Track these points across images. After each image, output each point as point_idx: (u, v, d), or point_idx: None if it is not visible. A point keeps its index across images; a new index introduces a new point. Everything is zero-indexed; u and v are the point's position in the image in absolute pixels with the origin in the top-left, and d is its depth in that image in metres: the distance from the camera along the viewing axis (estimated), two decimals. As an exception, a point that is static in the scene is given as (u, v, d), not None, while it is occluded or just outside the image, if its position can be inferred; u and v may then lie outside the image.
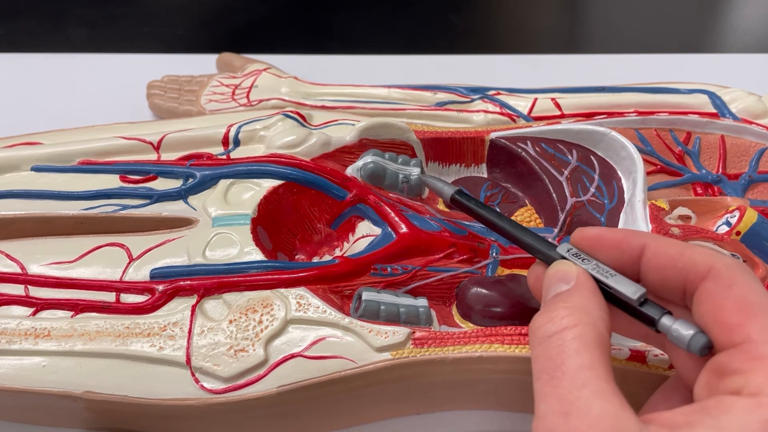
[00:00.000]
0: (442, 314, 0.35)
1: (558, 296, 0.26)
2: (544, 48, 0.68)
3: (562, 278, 0.27)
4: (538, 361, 0.24)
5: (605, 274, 0.26)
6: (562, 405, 0.22)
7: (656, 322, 0.25)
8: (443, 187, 0.35)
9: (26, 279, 0.34)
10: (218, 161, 0.40)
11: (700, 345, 0.24)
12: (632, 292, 0.26)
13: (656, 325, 0.25)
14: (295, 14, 0.72)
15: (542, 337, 0.25)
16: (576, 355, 0.23)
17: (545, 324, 0.25)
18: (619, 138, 0.39)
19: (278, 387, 0.30)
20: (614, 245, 0.27)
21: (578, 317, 0.24)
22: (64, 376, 0.31)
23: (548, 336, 0.24)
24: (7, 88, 0.57)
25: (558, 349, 0.24)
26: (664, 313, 0.25)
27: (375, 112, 0.46)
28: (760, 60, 0.62)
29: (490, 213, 0.32)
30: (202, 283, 0.33)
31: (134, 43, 0.65)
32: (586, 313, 0.25)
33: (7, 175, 0.40)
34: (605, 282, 0.26)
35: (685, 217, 0.37)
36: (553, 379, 0.23)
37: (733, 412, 0.21)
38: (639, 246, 0.26)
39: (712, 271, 0.24)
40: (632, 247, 0.27)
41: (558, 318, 0.24)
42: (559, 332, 0.24)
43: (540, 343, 0.25)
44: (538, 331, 0.25)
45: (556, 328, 0.24)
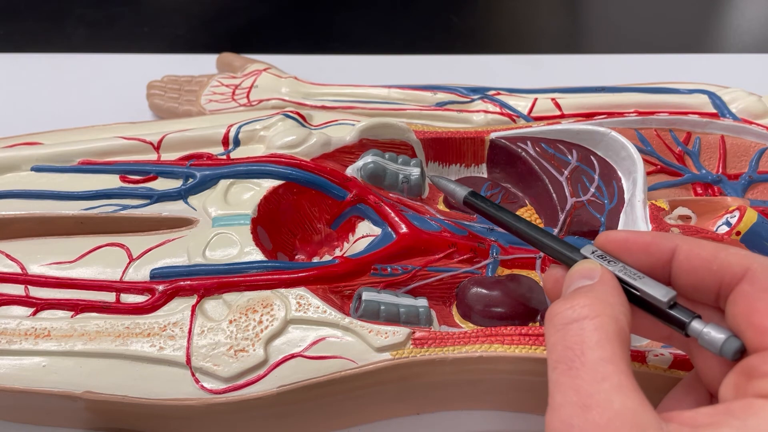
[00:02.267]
0: (442, 314, 0.35)
1: (579, 289, 0.25)
2: (544, 48, 0.68)
3: (585, 275, 0.26)
4: (555, 349, 0.23)
5: (633, 276, 0.26)
6: (581, 397, 0.22)
7: (686, 326, 0.24)
8: (455, 189, 0.34)
9: (26, 279, 0.34)
10: (218, 161, 0.40)
11: (734, 349, 0.23)
12: (662, 295, 0.25)
13: (686, 328, 0.24)
14: (296, 14, 0.72)
15: (560, 324, 0.24)
16: (597, 346, 0.22)
17: (564, 310, 0.24)
18: (619, 138, 0.39)
19: (278, 387, 0.30)
20: (642, 249, 0.26)
21: (600, 308, 0.23)
22: (64, 376, 0.31)
23: (567, 323, 0.23)
24: (7, 88, 0.57)
25: (577, 338, 0.23)
26: (694, 317, 0.24)
27: (375, 112, 0.46)
28: (760, 60, 0.62)
29: (505, 214, 0.32)
30: (202, 283, 0.33)
31: (134, 43, 0.65)
32: (609, 306, 0.24)
33: (7, 175, 0.40)
34: (633, 284, 0.25)
35: (685, 217, 0.37)
36: (572, 370, 0.22)
37: (760, 415, 0.21)
38: (669, 249, 0.26)
39: (749, 272, 0.24)
40: (662, 250, 0.26)
41: (579, 306, 0.24)
42: (579, 320, 0.23)
43: (558, 331, 0.24)
44: (555, 318, 0.24)
45: (576, 316, 0.23)
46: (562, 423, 0.22)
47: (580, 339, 0.23)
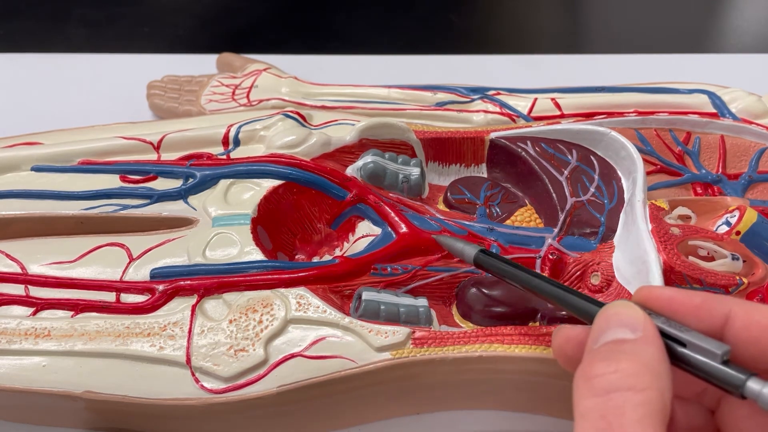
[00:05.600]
0: (442, 314, 0.35)
1: (621, 344, 0.22)
2: (544, 48, 0.68)
3: (625, 323, 0.22)
4: (588, 417, 0.20)
5: (677, 328, 0.23)
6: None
7: (743, 385, 0.21)
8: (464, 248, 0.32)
9: (26, 279, 0.34)
10: (218, 161, 0.40)
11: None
12: (715, 347, 0.22)
13: (742, 388, 0.21)
14: (296, 14, 0.72)
15: (601, 389, 0.21)
16: (638, 424, 0.20)
17: (608, 374, 0.21)
18: (619, 138, 0.39)
19: (278, 387, 0.30)
20: (691, 312, 0.23)
21: (648, 380, 0.21)
22: (64, 376, 0.31)
23: (608, 390, 0.21)
24: (7, 88, 0.57)
25: (618, 412, 0.20)
26: (751, 375, 0.22)
27: (375, 112, 0.46)
28: (760, 60, 0.62)
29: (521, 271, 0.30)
30: (202, 283, 0.33)
31: (134, 43, 0.65)
32: (657, 378, 0.21)
33: (7, 175, 0.40)
34: (679, 336, 0.23)
35: (685, 217, 0.37)
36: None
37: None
38: (723, 314, 0.23)
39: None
40: (714, 314, 0.23)
41: (624, 373, 0.21)
42: (622, 390, 0.20)
43: (596, 395, 0.21)
44: (596, 381, 0.21)
45: (619, 384, 0.20)
46: None
47: (621, 412, 0.20)
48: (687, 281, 0.33)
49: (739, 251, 0.35)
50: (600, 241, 0.37)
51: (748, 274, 0.34)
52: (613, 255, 0.36)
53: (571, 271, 0.36)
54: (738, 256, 0.34)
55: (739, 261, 0.34)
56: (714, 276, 0.33)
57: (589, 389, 0.21)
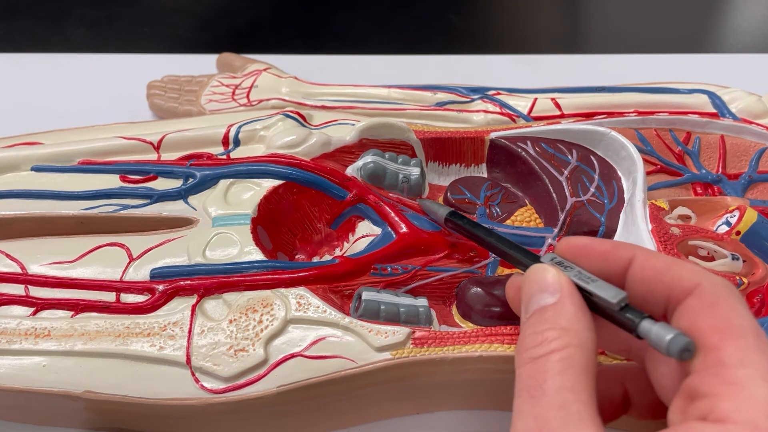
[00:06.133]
0: (442, 314, 0.35)
1: (544, 312, 0.25)
2: (544, 48, 0.68)
3: (545, 288, 0.26)
4: (521, 379, 0.24)
5: (586, 279, 0.26)
6: (538, 424, 0.22)
7: (636, 326, 0.24)
8: (438, 210, 0.36)
9: (26, 279, 0.34)
10: (218, 161, 0.40)
11: (680, 346, 0.22)
12: (612, 296, 0.25)
13: (636, 329, 0.24)
14: (296, 14, 0.72)
15: (528, 358, 0.24)
16: (558, 375, 0.23)
17: (534, 347, 0.24)
18: (619, 138, 0.39)
19: (278, 387, 0.30)
20: (600, 255, 0.26)
21: (567, 339, 0.24)
22: (64, 376, 0.31)
23: (535, 358, 0.24)
24: (7, 88, 0.57)
25: (542, 369, 0.23)
26: (644, 317, 0.24)
27: (375, 112, 0.46)
28: (760, 60, 0.62)
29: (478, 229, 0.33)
30: (202, 283, 0.33)
31: (134, 43, 0.65)
32: (575, 334, 0.24)
33: (7, 175, 0.40)
34: (585, 287, 0.25)
35: (685, 217, 0.37)
36: (533, 398, 0.23)
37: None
38: (626, 257, 0.26)
39: (698, 288, 0.23)
40: (619, 258, 0.26)
41: (547, 341, 0.24)
42: (547, 356, 0.23)
43: (525, 363, 0.24)
44: (524, 354, 0.24)
45: (543, 351, 0.24)
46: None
47: (543, 369, 0.23)
48: (687, 281, 0.33)
49: (739, 251, 0.35)
50: (600, 241, 0.37)
51: (748, 274, 0.34)
52: (613, 255, 0.36)
53: (571, 271, 0.36)
54: (738, 256, 0.34)
55: (739, 261, 0.34)
56: (714, 276, 0.33)
57: (521, 359, 0.24)
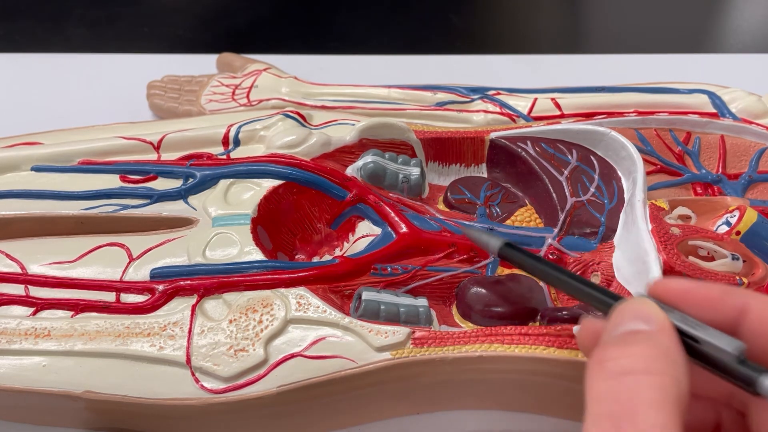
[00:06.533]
0: (442, 314, 0.35)
1: (636, 334, 0.22)
2: (544, 48, 0.68)
3: (640, 316, 0.22)
4: (601, 401, 0.20)
5: (692, 325, 0.22)
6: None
7: (756, 382, 0.21)
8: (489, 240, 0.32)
9: (26, 279, 0.34)
10: (218, 161, 0.40)
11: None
12: (729, 345, 0.21)
13: (755, 385, 0.21)
14: (296, 14, 0.72)
15: (613, 372, 0.20)
16: (652, 409, 0.19)
17: (619, 357, 0.20)
18: (619, 138, 0.39)
19: (278, 387, 0.30)
20: (707, 303, 0.23)
21: (662, 365, 0.20)
22: (64, 376, 0.31)
23: (621, 373, 0.20)
24: (7, 88, 0.57)
25: (631, 394, 0.19)
26: (765, 372, 0.21)
27: (375, 112, 0.46)
28: (760, 60, 0.62)
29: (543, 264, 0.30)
30: (202, 283, 0.33)
31: (134, 43, 0.65)
32: (672, 363, 0.20)
33: (7, 175, 0.40)
34: (693, 334, 0.22)
35: (685, 217, 0.37)
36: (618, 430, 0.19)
37: None
38: (737, 306, 0.22)
39: None
40: (730, 307, 0.22)
41: (637, 356, 0.20)
42: (637, 374, 0.20)
43: (608, 378, 0.20)
44: (608, 363, 0.20)
45: (633, 367, 0.20)
46: None
47: (634, 395, 0.19)
48: (687, 281, 0.33)
49: (739, 251, 0.35)
50: (600, 241, 0.37)
51: (748, 274, 0.34)
52: (613, 255, 0.36)
53: (572, 270, 0.36)
54: (738, 256, 0.34)
55: (739, 261, 0.34)
56: (714, 276, 0.33)
57: (602, 371, 0.20)
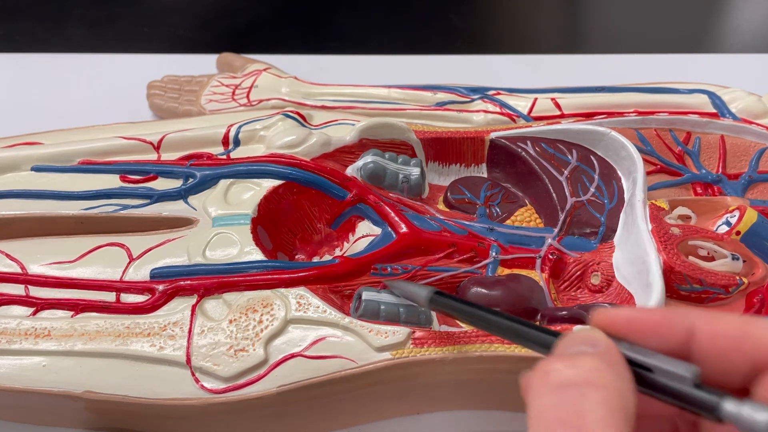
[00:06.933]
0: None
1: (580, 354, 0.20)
2: (544, 48, 0.68)
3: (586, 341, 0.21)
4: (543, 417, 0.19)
5: (643, 353, 0.21)
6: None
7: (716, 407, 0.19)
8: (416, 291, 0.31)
9: (26, 279, 0.34)
10: (218, 161, 0.40)
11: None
12: (685, 371, 0.20)
13: (717, 410, 0.20)
14: (296, 14, 0.72)
15: (557, 385, 0.19)
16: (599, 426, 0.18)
17: (564, 368, 0.19)
18: (619, 138, 0.39)
19: (278, 387, 0.30)
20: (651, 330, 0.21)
21: (608, 378, 0.19)
22: (64, 376, 0.31)
23: (565, 385, 0.19)
24: (7, 88, 0.57)
25: (575, 409, 0.18)
26: (724, 396, 0.19)
27: (375, 112, 0.46)
28: (760, 60, 0.62)
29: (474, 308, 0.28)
30: (202, 283, 0.33)
31: (134, 43, 0.65)
32: (617, 377, 0.19)
33: (7, 175, 0.40)
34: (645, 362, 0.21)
35: (685, 217, 0.37)
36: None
37: None
38: (684, 328, 0.21)
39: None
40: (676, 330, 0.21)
41: (583, 368, 0.19)
42: (581, 386, 0.19)
43: (552, 392, 0.19)
44: (552, 375, 0.19)
45: (577, 378, 0.19)
46: None
47: (579, 411, 0.18)
48: (687, 281, 0.33)
49: (739, 251, 0.35)
50: (600, 241, 0.37)
51: (748, 274, 0.34)
52: (613, 255, 0.36)
53: (571, 271, 0.36)
54: (738, 256, 0.34)
55: (739, 261, 0.34)
56: (714, 276, 0.33)
57: (545, 384, 0.19)
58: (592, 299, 0.35)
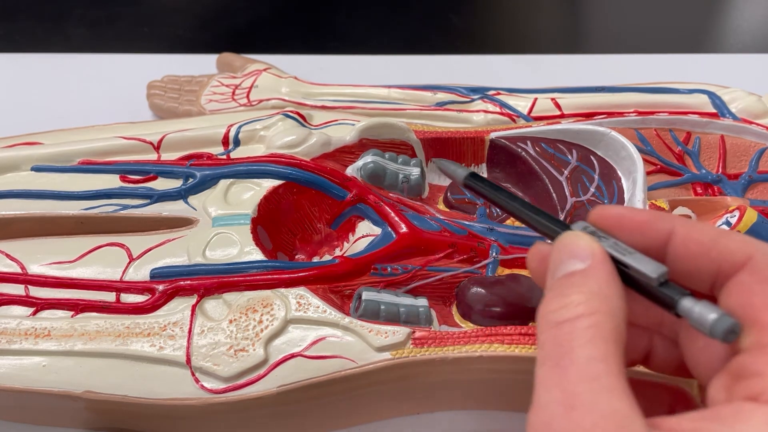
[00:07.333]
0: (442, 314, 0.35)
1: (572, 276, 0.23)
2: (544, 48, 0.68)
3: (575, 253, 0.23)
4: (544, 347, 0.22)
5: (623, 251, 0.24)
6: (566, 396, 0.20)
7: (676, 304, 0.22)
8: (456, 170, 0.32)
9: (26, 279, 0.34)
10: (218, 161, 0.40)
11: (725, 328, 0.21)
12: (652, 271, 0.23)
13: (676, 307, 0.22)
14: (296, 14, 0.72)
15: (553, 323, 0.22)
16: (588, 344, 0.21)
17: (558, 309, 0.22)
18: (619, 138, 0.39)
19: (278, 387, 0.30)
20: (637, 228, 0.24)
21: (595, 305, 0.22)
22: (64, 376, 0.31)
23: (560, 322, 0.22)
24: (7, 88, 0.57)
25: (568, 336, 0.21)
26: (685, 295, 0.22)
27: (375, 112, 0.46)
28: (760, 60, 0.62)
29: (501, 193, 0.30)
30: (202, 283, 0.33)
31: (134, 43, 0.65)
32: (605, 300, 0.22)
33: (7, 175, 0.40)
34: (622, 260, 0.23)
35: (685, 217, 0.37)
36: (560, 368, 0.21)
37: (749, 421, 0.19)
38: (666, 230, 0.24)
39: (750, 261, 0.22)
40: (658, 230, 0.24)
41: (573, 304, 0.22)
42: (572, 320, 0.21)
43: (549, 329, 0.22)
44: (548, 316, 0.22)
45: (569, 315, 0.22)
46: (543, 423, 0.20)
47: (570, 336, 0.21)
48: (687, 281, 0.33)
49: (739, 251, 0.35)
50: (600, 241, 0.37)
51: (748, 274, 0.34)
52: (613, 255, 0.36)
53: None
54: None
55: None
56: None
57: (544, 324, 0.22)
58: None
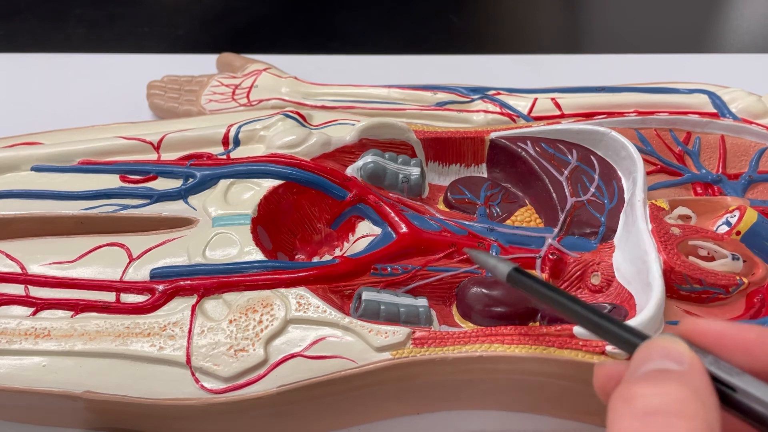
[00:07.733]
0: (442, 314, 0.35)
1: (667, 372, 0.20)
2: (544, 48, 0.68)
3: (669, 355, 0.20)
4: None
5: (728, 371, 0.20)
6: None
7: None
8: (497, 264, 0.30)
9: (26, 279, 0.34)
10: (218, 161, 0.40)
11: None
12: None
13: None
14: (296, 14, 0.72)
15: (642, 411, 0.18)
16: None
17: (649, 395, 0.19)
18: (619, 138, 0.39)
19: (278, 387, 0.30)
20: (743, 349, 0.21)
21: (696, 408, 0.18)
22: (64, 376, 0.31)
23: (651, 413, 0.18)
24: (7, 88, 0.57)
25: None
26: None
27: (375, 112, 0.46)
28: (760, 60, 0.62)
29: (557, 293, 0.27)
30: (202, 283, 0.33)
31: (134, 43, 0.65)
32: (705, 407, 0.18)
33: (7, 175, 0.40)
34: (730, 381, 0.20)
35: (685, 217, 0.37)
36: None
37: None
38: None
39: None
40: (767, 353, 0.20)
41: (670, 395, 0.18)
42: (668, 416, 0.18)
43: (636, 418, 0.18)
44: (637, 401, 0.19)
45: (665, 408, 0.18)
46: None
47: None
48: (687, 281, 0.33)
49: (740, 251, 0.35)
50: (600, 241, 0.37)
51: (748, 274, 0.34)
52: (613, 255, 0.36)
53: (571, 271, 0.36)
54: (738, 256, 0.35)
55: (740, 261, 0.34)
56: (714, 276, 0.33)
57: (629, 410, 0.19)
58: (593, 299, 0.35)
